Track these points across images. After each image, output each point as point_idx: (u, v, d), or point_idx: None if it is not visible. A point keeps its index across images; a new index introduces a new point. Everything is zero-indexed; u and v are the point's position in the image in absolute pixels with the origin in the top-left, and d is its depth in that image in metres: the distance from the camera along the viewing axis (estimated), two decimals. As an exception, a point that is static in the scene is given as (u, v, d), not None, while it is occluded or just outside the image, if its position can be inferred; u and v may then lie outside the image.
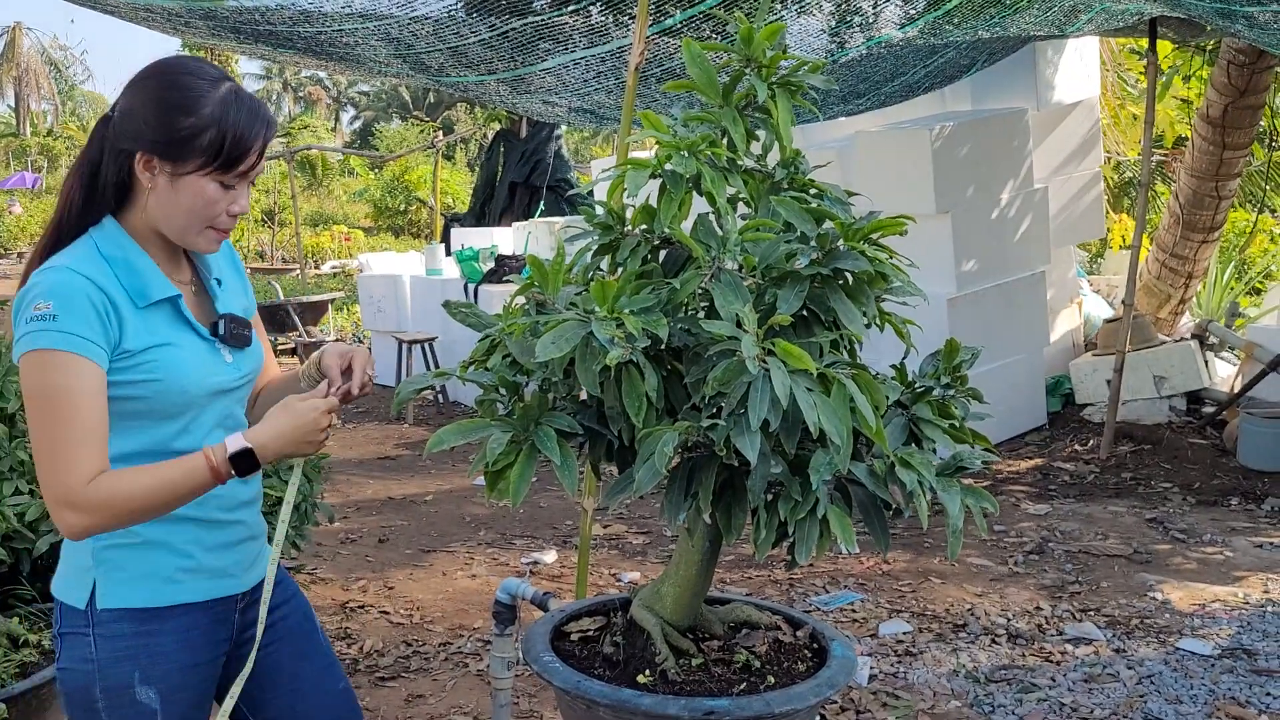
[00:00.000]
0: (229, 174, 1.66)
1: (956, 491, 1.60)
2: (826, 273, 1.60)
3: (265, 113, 1.71)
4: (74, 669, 1.71)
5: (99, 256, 1.65)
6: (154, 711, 1.71)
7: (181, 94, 1.63)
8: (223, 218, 1.70)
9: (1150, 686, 3.56)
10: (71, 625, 1.71)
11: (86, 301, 1.59)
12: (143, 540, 1.70)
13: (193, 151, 1.63)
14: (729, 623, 1.96)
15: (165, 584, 1.72)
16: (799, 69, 1.72)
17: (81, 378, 1.57)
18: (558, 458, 1.57)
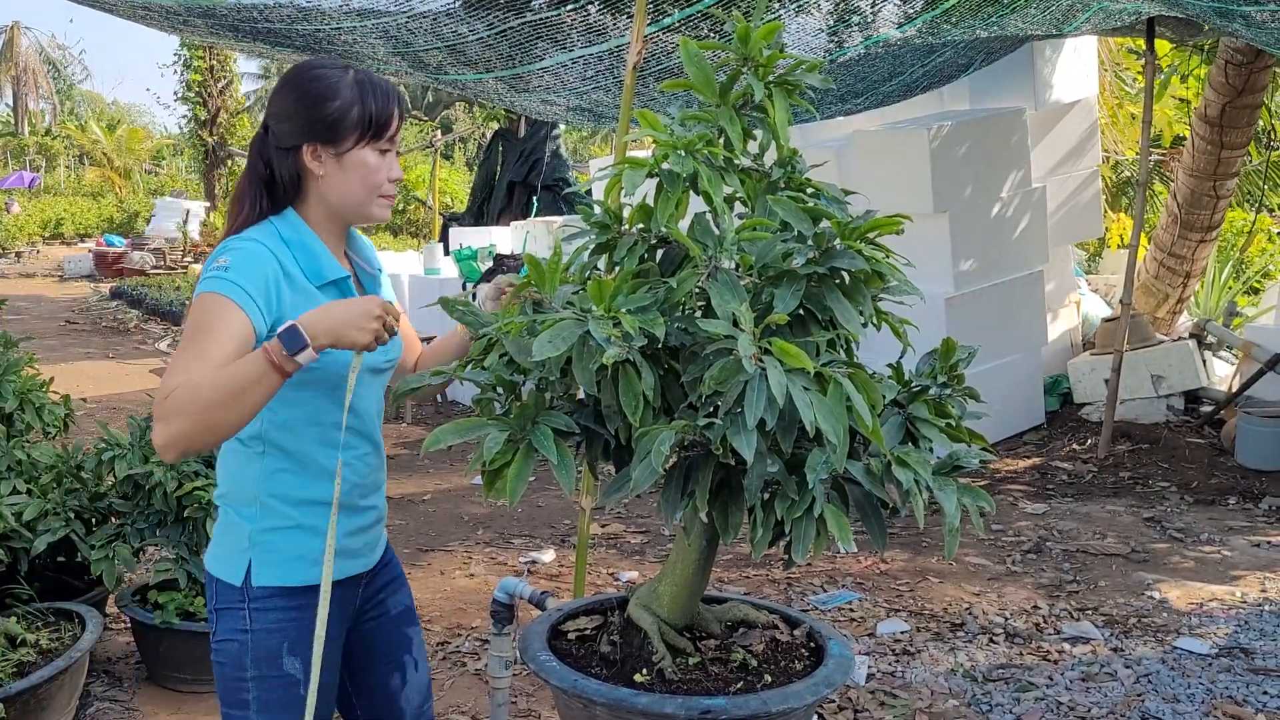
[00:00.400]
0: (380, 140, 1.84)
1: (953, 490, 1.60)
2: (823, 272, 1.60)
3: (389, 86, 1.88)
4: (230, 640, 1.84)
5: (279, 238, 1.82)
6: (298, 680, 1.84)
7: (320, 85, 1.81)
8: (386, 185, 1.87)
9: (1148, 685, 3.56)
10: (227, 601, 1.85)
11: (259, 266, 1.75)
12: (295, 524, 1.84)
13: (346, 129, 1.81)
14: (726, 622, 1.96)
15: (314, 565, 1.84)
16: (796, 68, 1.72)
17: (226, 319, 1.68)
18: (555, 457, 1.57)
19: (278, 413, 1.81)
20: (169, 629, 3.43)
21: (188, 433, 1.59)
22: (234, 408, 1.61)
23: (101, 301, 15.17)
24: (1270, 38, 4.53)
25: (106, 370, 9.80)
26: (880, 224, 1.63)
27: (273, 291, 1.74)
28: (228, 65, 21.94)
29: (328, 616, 1.82)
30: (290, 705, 1.85)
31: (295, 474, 1.85)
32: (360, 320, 1.68)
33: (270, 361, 1.62)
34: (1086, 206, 7.90)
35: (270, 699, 1.84)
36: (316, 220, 1.87)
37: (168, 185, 29.94)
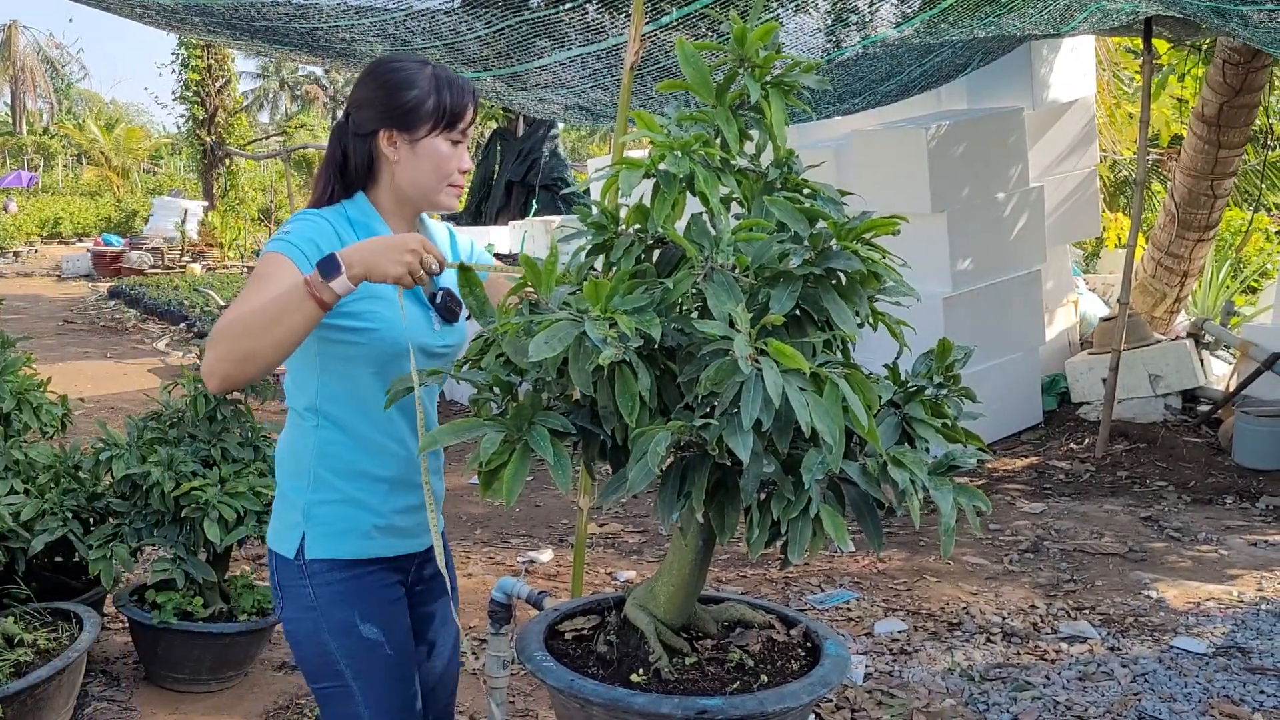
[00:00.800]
0: (453, 131, 1.91)
1: (949, 490, 1.60)
2: (819, 272, 1.60)
3: (463, 80, 1.96)
4: (299, 618, 1.91)
5: (345, 218, 1.90)
6: (380, 642, 1.92)
7: (399, 76, 1.90)
8: (456, 175, 1.94)
9: (1145, 685, 3.57)
10: (288, 578, 1.92)
11: (319, 233, 1.84)
12: (344, 498, 1.89)
13: (422, 117, 1.88)
14: (723, 622, 1.97)
15: (363, 539, 1.91)
16: (792, 69, 1.72)
17: (281, 271, 1.76)
18: (551, 457, 1.57)
19: (329, 385, 1.89)
20: (167, 629, 3.43)
21: (226, 358, 1.66)
22: (271, 334, 1.65)
23: (99, 301, 15.17)
24: (1267, 37, 4.53)
25: (104, 370, 9.80)
26: (876, 225, 1.63)
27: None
28: (225, 64, 21.92)
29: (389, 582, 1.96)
30: (382, 667, 1.93)
31: (347, 447, 1.90)
32: (395, 252, 1.70)
33: (307, 289, 1.66)
34: (1084, 206, 7.91)
35: (362, 666, 1.91)
36: (386, 205, 1.94)
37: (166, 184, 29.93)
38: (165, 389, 3.72)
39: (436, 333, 1.94)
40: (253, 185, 23.23)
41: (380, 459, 1.92)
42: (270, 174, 21.72)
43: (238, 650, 3.59)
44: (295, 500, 1.93)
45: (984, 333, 6.50)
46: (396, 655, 1.95)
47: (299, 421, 1.95)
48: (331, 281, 1.66)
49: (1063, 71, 7.43)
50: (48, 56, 43.49)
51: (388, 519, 1.94)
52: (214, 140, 21.39)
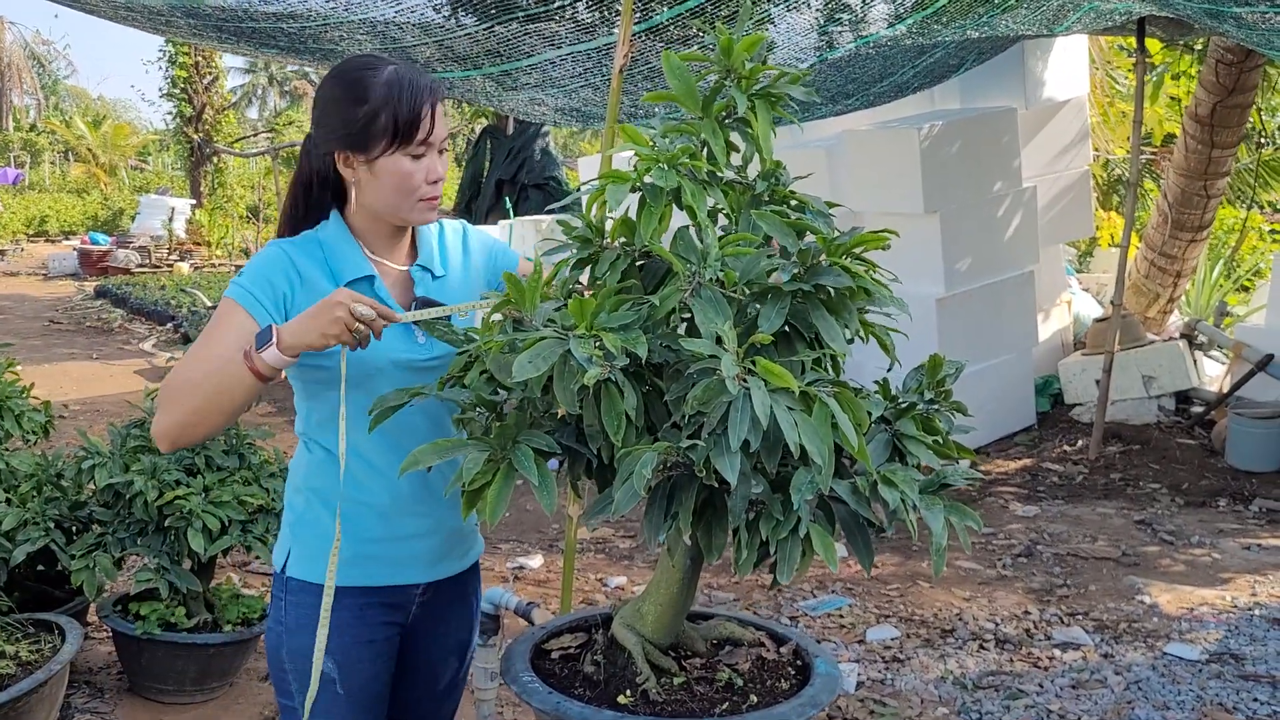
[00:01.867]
0: (410, 145, 1.77)
1: (940, 510, 1.57)
2: (808, 288, 1.57)
3: (426, 81, 1.80)
4: (272, 630, 1.90)
5: (314, 240, 1.84)
6: (333, 680, 1.85)
7: (350, 89, 1.77)
8: (424, 188, 1.81)
9: (1138, 692, 3.55)
10: (276, 589, 1.90)
11: (269, 268, 1.78)
12: (326, 521, 1.83)
13: (374, 136, 1.75)
14: (711, 640, 1.94)
15: (342, 566, 1.82)
16: (779, 80, 1.69)
17: (229, 317, 1.74)
18: (535, 478, 1.53)
19: (315, 410, 1.86)
20: (150, 639, 3.39)
21: (173, 424, 1.67)
22: (216, 404, 1.66)
23: (86, 300, 15.08)
24: (1261, 38, 4.51)
25: (90, 371, 9.73)
26: (866, 239, 1.60)
27: (284, 295, 1.77)
28: (213, 61, 21.79)
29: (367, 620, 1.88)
30: (329, 704, 1.85)
31: (334, 472, 1.83)
32: (320, 319, 1.62)
33: (244, 362, 1.64)
34: (1077, 205, 7.89)
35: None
36: (360, 225, 1.86)
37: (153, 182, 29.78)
38: (149, 395, 3.67)
39: (421, 345, 1.86)
40: (241, 183, 23.11)
41: (368, 484, 1.85)
42: (258, 171, 21.59)
43: (223, 661, 3.55)
44: (288, 516, 1.92)
45: (977, 334, 6.48)
46: (349, 697, 1.87)
47: (300, 442, 1.93)
48: (264, 354, 1.63)
49: (1056, 71, 7.41)
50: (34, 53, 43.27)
51: (374, 547, 1.87)
52: (201, 138, 21.27)
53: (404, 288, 1.89)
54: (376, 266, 1.86)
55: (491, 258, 2.04)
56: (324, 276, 1.81)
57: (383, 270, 1.87)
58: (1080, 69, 7.75)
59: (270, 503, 3.48)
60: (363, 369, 1.79)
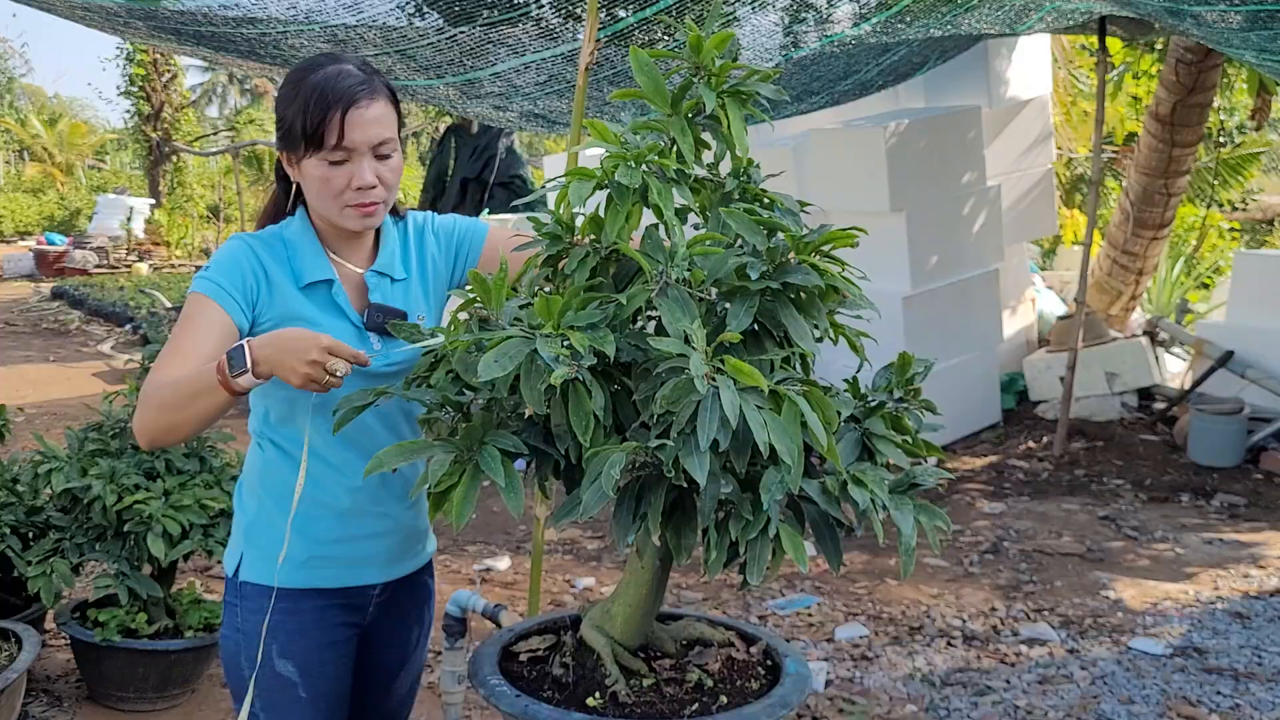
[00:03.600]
0: (323, 152, 1.73)
1: (909, 510, 1.56)
2: (777, 287, 1.55)
3: (347, 85, 1.74)
4: (228, 636, 1.86)
5: (279, 237, 1.82)
6: (294, 683, 1.83)
7: (285, 91, 1.77)
8: (349, 194, 1.76)
9: (1103, 687, 3.57)
10: (229, 595, 1.87)
11: (237, 264, 1.75)
12: (281, 523, 1.78)
13: (293, 140, 1.75)
14: (681, 640, 1.92)
15: (298, 568, 1.81)
16: (750, 77, 1.67)
17: (203, 313, 1.71)
18: (502, 480, 1.51)
19: (273, 408, 1.83)
20: (110, 647, 3.33)
21: (151, 426, 1.66)
22: (188, 413, 1.64)
23: (42, 302, 14.82)
24: (1220, 37, 4.56)
25: (47, 373, 9.57)
26: (835, 237, 1.59)
27: (251, 284, 1.75)
28: (172, 59, 21.48)
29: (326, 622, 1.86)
30: (291, 708, 1.84)
31: (289, 472, 1.79)
32: (295, 359, 1.57)
33: (218, 377, 1.60)
34: (1041, 203, 7.95)
35: (271, 700, 1.83)
36: (319, 222, 1.85)
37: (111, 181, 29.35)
38: (107, 399, 3.61)
39: (377, 352, 1.82)
40: (201, 182, 22.84)
41: (325, 486, 1.83)
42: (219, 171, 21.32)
43: (184, 667, 3.49)
44: (240, 519, 1.89)
45: (943, 331, 6.51)
46: (312, 700, 1.85)
47: (253, 440, 1.90)
48: (238, 378, 1.58)
49: (1019, 70, 7.47)
50: (-9, 51, 42.51)
51: (330, 548, 1.85)
52: (160, 136, 20.98)
53: (361, 292, 1.87)
54: (337, 269, 1.84)
55: (457, 244, 2.00)
56: (287, 276, 1.80)
57: (343, 273, 1.85)
58: (1043, 68, 7.82)
59: (232, 506, 3.43)
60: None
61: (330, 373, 1.57)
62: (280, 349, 1.58)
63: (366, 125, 1.73)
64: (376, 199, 1.78)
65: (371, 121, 1.74)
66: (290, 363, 1.57)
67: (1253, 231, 14.95)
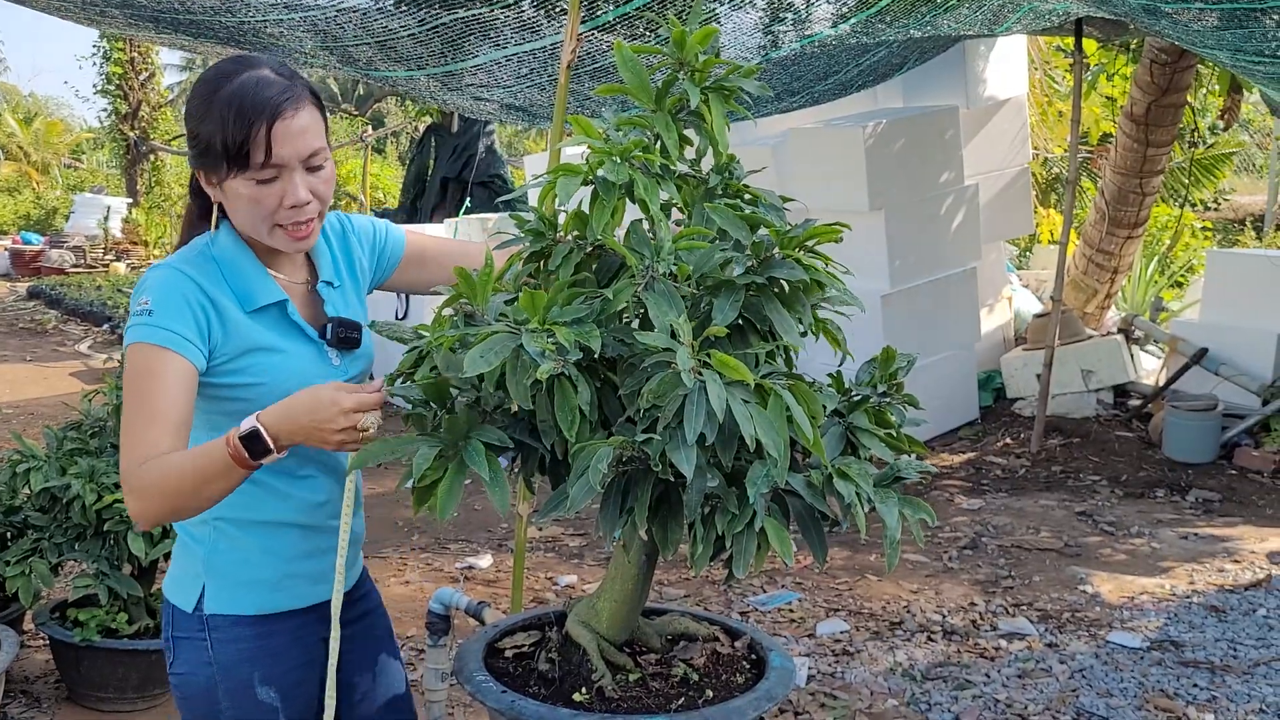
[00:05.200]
0: (250, 170, 1.61)
1: (894, 503, 1.58)
2: (762, 281, 1.57)
3: (269, 95, 1.60)
4: (194, 673, 1.74)
5: (209, 258, 1.68)
6: (275, 709, 1.76)
7: (196, 104, 1.63)
8: (281, 213, 1.64)
9: (1082, 681, 3.61)
10: (184, 629, 1.75)
11: (182, 299, 1.61)
12: (248, 547, 1.74)
13: (212, 159, 1.62)
14: (666, 635, 1.93)
15: (272, 591, 1.76)
16: (733, 73, 1.68)
17: (165, 367, 1.58)
18: (487, 474, 1.52)
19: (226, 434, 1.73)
20: (89, 647, 3.31)
21: (159, 511, 1.57)
22: (202, 495, 1.57)
23: (18, 302, 14.69)
24: (1195, 37, 4.61)
25: (24, 373, 9.49)
26: (819, 232, 1.60)
27: (202, 321, 1.63)
28: (149, 57, 21.34)
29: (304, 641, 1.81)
30: None
31: (249, 494, 1.72)
32: (324, 431, 1.51)
33: (234, 459, 1.53)
34: (1017, 203, 8.01)
35: None
36: (248, 236, 1.72)
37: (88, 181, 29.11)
38: (86, 397, 3.59)
39: (338, 368, 1.78)
40: (179, 181, 22.65)
41: (286, 504, 1.77)
42: (198, 170, 21.07)
43: (165, 668, 3.47)
44: (195, 550, 1.76)
45: (921, 330, 6.55)
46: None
47: None
48: (262, 459, 1.54)
49: (996, 70, 7.52)
50: (-36, 49, 42.05)
51: (298, 565, 1.80)
52: (138, 135, 20.83)
53: (312, 307, 1.80)
54: (282, 286, 1.75)
55: (380, 247, 1.95)
56: (232, 302, 1.67)
57: (289, 290, 1.76)
58: (1020, 69, 7.87)
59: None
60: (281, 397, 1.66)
61: (363, 430, 1.52)
62: (301, 424, 1.52)
63: (294, 137, 1.61)
64: (311, 215, 1.67)
65: (299, 133, 1.61)
66: (319, 435, 1.51)
67: (1224, 231, 15.11)
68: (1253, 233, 15.21)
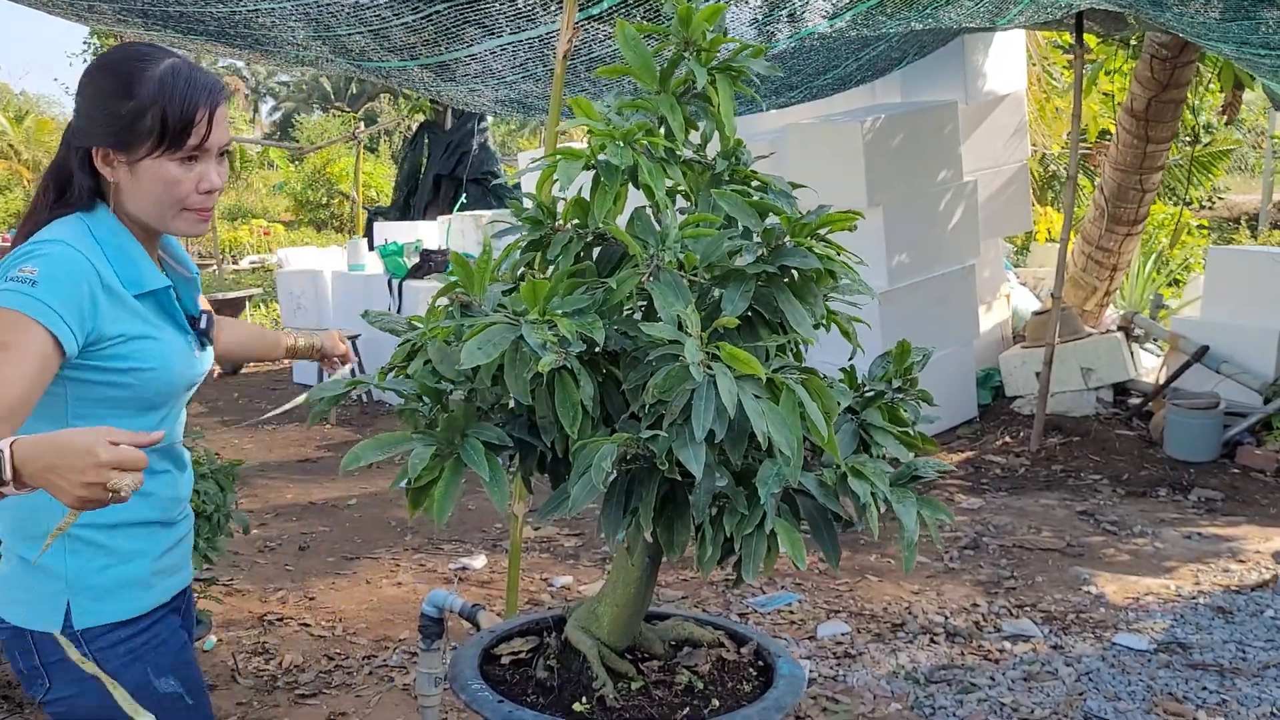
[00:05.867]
0: (180, 150, 1.62)
1: (912, 504, 1.51)
2: (773, 270, 1.49)
3: (208, 80, 1.65)
4: (79, 693, 1.67)
5: (91, 238, 1.62)
6: (179, 694, 1.75)
7: (120, 80, 1.61)
8: (193, 196, 1.65)
9: (1089, 684, 3.54)
10: (55, 653, 1.66)
11: (74, 280, 1.55)
12: (116, 552, 1.70)
13: (139, 135, 1.60)
14: (670, 641, 1.86)
15: (144, 591, 1.73)
16: (741, 53, 1.61)
17: (29, 341, 1.50)
18: (486, 473, 1.44)
19: None
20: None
21: None
22: None
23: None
24: (1200, 29, 4.54)
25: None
26: (833, 219, 1.53)
27: (88, 307, 1.56)
28: (142, 55, 21.19)
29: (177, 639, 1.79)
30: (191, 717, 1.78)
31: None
32: (70, 473, 1.29)
33: None
34: (1016, 200, 7.95)
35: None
36: (131, 223, 1.68)
37: (81, 179, 28.89)
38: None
39: (198, 359, 1.76)
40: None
41: (149, 501, 1.72)
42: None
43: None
44: (51, 571, 1.65)
45: (920, 327, 6.47)
46: (196, 703, 1.79)
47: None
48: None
49: (995, 66, 7.45)
50: (-46, 46, 41.74)
51: (165, 560, 1.78)
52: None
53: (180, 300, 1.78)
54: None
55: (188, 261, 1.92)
56: (119, 284, 1.62)
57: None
58: (1019, 64, 7.81)
59: (201, 505, 3.33)
60: (167, 389, 1.69)
61: (114, 491, 1.29)
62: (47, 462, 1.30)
63: (222, 126, 1.66)
64: (215, 201, 1.70)
65: (224, 122, 1.67)
66: (62, 480, 1.29)
67: (1219, 230, 15.09)
68: (1247, 231, 15.19)
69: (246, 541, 4.91)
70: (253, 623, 4.14)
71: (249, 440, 7.27)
